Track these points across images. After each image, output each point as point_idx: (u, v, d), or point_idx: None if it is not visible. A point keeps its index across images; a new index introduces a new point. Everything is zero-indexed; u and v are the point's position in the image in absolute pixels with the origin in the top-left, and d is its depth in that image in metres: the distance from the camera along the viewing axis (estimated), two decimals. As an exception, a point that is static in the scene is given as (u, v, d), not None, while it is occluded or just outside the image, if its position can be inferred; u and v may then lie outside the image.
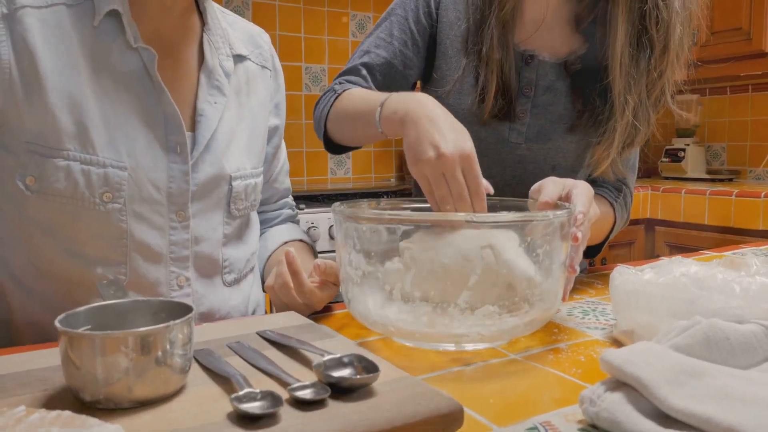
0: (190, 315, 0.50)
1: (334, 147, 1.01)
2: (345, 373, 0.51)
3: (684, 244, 2.46)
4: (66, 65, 0.75)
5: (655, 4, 0.89)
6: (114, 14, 0.78)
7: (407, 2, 1.02)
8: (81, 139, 0.75)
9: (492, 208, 0.82)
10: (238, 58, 0.92)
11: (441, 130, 0.70)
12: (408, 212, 0.65)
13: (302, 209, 2.05)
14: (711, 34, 2.60)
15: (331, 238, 2.07)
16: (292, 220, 1.10)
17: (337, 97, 0.95)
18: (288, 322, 0.69)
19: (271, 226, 1.06)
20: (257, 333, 0.65)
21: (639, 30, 0.90)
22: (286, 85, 2.63)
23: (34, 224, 0.76)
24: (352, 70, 1.01)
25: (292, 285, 0.74)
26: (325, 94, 1.00)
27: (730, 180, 2.75)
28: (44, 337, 0.78)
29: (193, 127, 0.84)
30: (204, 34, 0.88)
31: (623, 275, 0.71)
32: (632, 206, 1.08)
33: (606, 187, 1.03)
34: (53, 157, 0.74)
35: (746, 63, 2.52)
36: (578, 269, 0.69)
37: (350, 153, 2.75)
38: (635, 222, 2.54)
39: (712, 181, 2.74)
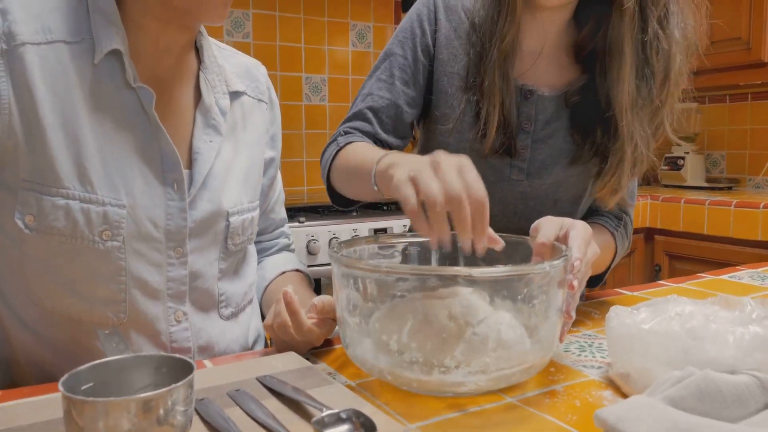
0: (190, 376, 0.50)
1: (340, 200, 1.00)
2: (343, 430, 0.52)
3: (683, 253, 2.47)
4: (65, 104, 0.75)
5: (656, 35, 0.89)
6: (114, 53, 0.79)
7: (404, 41, 1.02)
8: (80, 177, 0.76)
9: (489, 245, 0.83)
10: (235, 95, 0.92)
11: (438, 155, 0.64)
12: (405, 265, 0.66)
13: (302, 222, 2.06)
14: (711, 43, 2.60)
15: (332, 250, 2.08)
16: (288, 249, 1.11)
17: (339, 150, 0.94)
18: (287, 365, 0.70)
19: (268, 256, 1.07)
20: (257, 379, 0.66)
21: (642, 60, 0.90)
22: (287, 95, 2.66)
23: (33, 262, 0.77)
24: (358, 115, 1.00)
25: (290, 324, 0.75)
26: (330, 143, 0.99)
27: (729, 188, 2.76)
28: (46, 375, 0.79)
29: (190, 164, 0.85)
30: (200, 72, 0.88)
31: (619, 316, 0.71)
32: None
33: (607, 216, 1.03)
34: (52, 196, 0.75)
35: (746, 72, 2.52)
36: (574, 315, 0.70)
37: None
38: (635, 231, 2.54)
39: (712, 189, 2.74)
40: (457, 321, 0.61)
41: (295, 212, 2.12)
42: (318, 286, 2.04)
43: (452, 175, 0.62)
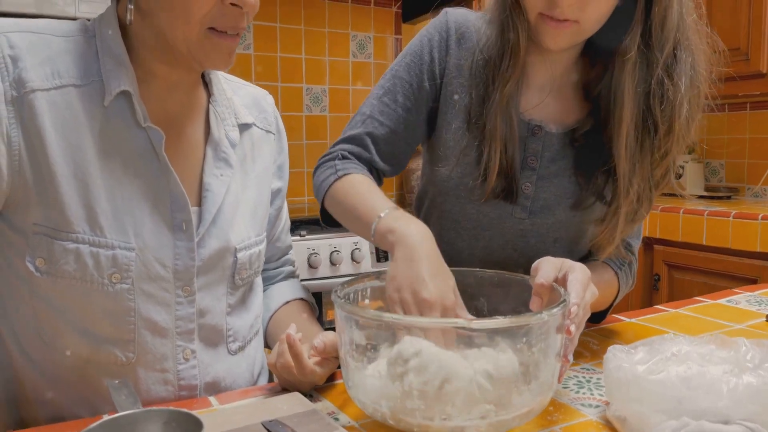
0: (200, 435, 0.52)
1: (331, 222, 1.01)
2: (348, 485, 0.54)
3: (682, 263, 2.48)
4: (75, 148, 0.77)
5: (660, 83, 0.86)
6: (124, 94, 0.80)
7: (411, 66, 1.00)
8: (89, 221, 0.77)
9: (490, 281, 0.85)
10: (244, 127, 0.93)
11: (429, 273, 0.73)
12: (407, 317, 0.67)
13: (303, 236, 2.07)
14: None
15: (333, 264, 2.10)
16: (293, 275, 1.12)
17: (337, 179, 0.94)
18: (292, 408, 0.71)
19: (273, 284, 1.08)
20: (263, 424, 0.67)
21: (644, 111, 0.88)
22: (288, 106, 2.67)
23: (44, 303, 0.78)
24: (357, 139, 0.99)
25: (293, 366, 0.76)
26: (325, 162, 0.99)
27: (728, 197, 2.77)
28: (55, 414, 0.80)
29: (199, 201, 0.86)
30: (210, 106, 0.90)
31: (617, 357, 0.73)
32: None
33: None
34: (62, 240, 0.76)
35: (745, 83, 2.53)
36: (572, 359, 0.71)
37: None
38: (634, 241, 2.56)
39: (711, 198, 2.76)
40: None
41: (296, 226, 2.13)
42: (319, 300, 2.05)
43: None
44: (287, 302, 1.02)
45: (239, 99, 0.95)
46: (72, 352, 0.79)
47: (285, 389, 0.81)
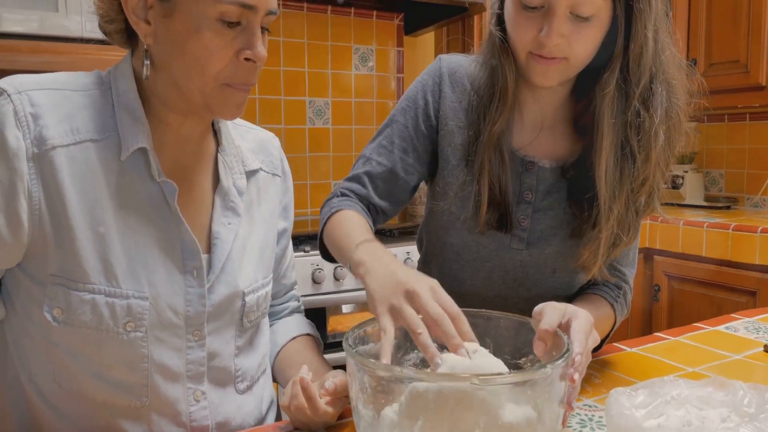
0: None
1: (329, 256, 1.03)
2: None
3: (682, 274, 2.51)
4: (92, 202, 0.79)
5: (637, 114, 0.90)
6: (140, 149, 0.82)
7: (407, 110, 1.05)
8: (105, 273, 0.79)
9: (497, 323, 0.87)
10: (251, 173, 0.96)
11: (406, 273, 0.74)
12: (417, 370, 0.70)
13: (307, 252, 2.09)
14: (709, 65, 2.63)
15: (336, 279, 2.12)
16: (298, 311, 1.15)
17: (330, 216, 0.98)
18: (304, 454, 0.74)
19: (279, 318, 1.11)
20: (277, 472, 0.69)
21: (622, 140, 0.92)
22: (291, 119, 2.69)
23: (60, 350, 0.81)
24: (355, 178, 1.05)
25: (307, 407, 0.79)
26: (327, 201, 1.03)
27: (728, 207, 2.79)
28: (73, 455, 0.83)
29: (209, 248, 0.88)
30: (219, 155, 0.92)
31: (618, 402, 0.75)
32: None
33: (607, 286, 1.06)
34: (79, 291, 0.78)
35: (744, 95, 2.55)
36: (575, 407, 0.74)
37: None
38: (634, 252, 2.58)
39: (711, 208, 2.78)
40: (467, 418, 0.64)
41: (300, 241, 2.15)
42: (323, 316, 2.08)
43: (429, 300, 0.71)
44: (293, 338, 1.04)
45: (246, 144, 0.98)
46: (87, 396, 0.82)
47: (297, 429, 0.83)
